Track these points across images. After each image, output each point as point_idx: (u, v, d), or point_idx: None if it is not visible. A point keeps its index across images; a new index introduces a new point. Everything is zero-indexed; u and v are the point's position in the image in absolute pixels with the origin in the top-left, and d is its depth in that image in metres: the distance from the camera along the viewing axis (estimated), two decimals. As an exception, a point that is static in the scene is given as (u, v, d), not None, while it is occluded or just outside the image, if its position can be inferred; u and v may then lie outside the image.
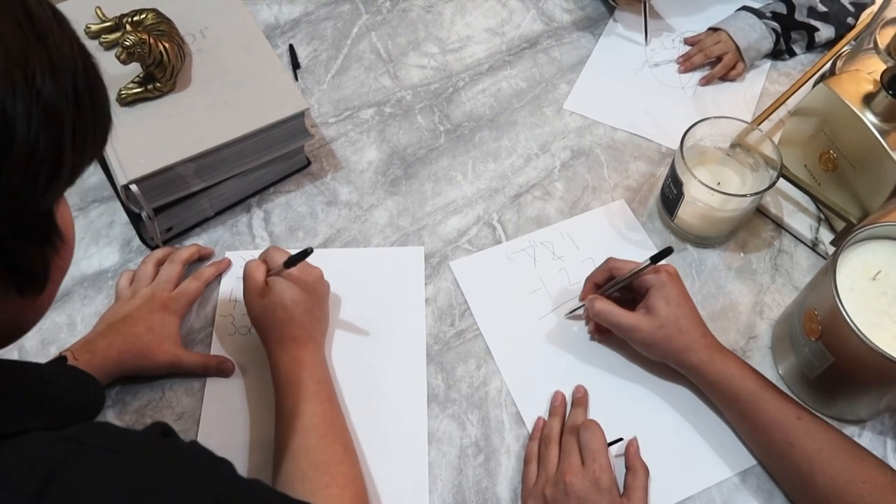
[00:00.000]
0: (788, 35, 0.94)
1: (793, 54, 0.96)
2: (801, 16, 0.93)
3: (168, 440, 0.45)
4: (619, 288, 0.70)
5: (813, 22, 0.93)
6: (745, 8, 0.96)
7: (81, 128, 0.37)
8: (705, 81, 0.94)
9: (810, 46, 0.96)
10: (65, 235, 0.41)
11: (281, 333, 0.66)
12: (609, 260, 0.72)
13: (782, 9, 0.94)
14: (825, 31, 0.94)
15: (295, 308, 0.66)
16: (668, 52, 0.98)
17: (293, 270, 0.68)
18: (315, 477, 0.58)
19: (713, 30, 0.96)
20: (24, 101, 0.33)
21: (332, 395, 0.65)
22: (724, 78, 0.94)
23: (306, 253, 0.66)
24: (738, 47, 0.93)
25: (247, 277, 0.69)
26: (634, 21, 1.00)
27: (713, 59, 0.95)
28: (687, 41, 0.98)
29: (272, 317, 0.66)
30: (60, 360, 0.59)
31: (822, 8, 0.93)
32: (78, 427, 0.40)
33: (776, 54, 0.96)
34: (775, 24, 0.93)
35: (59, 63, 0.35)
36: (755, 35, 0.93)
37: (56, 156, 0.36)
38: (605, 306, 0.68)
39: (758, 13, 0.94)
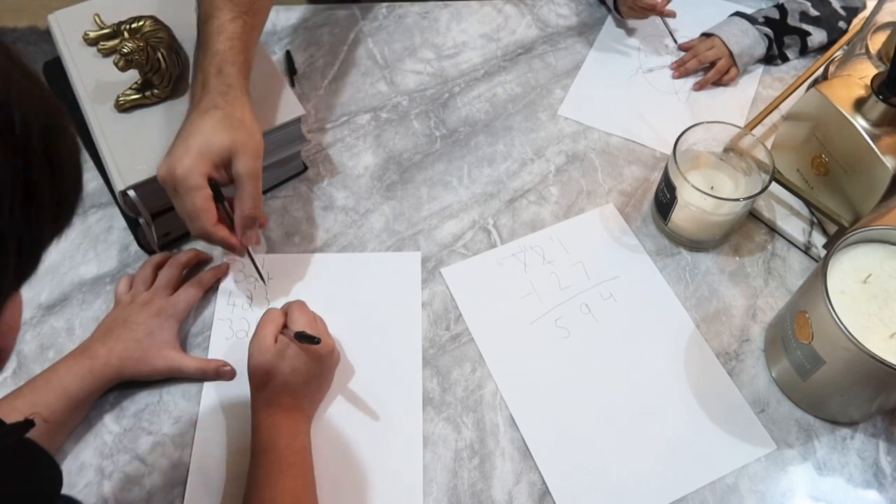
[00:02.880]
0: (781, 40, 0.95)
1: (786, 59, 0.97)
2: (793, 20, 0.94)
3: None
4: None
5: (805, 26, 0.94)
6: (737, 14, 0.97)
7: (32, 235, 0.32)
8: (699, 87, 0.95)
9: (803, 51, 0.97)
10: (2, 346, 0.36)
11: (270, 398, 0.64)
12: None
13: (775, 14, 0.94)
14: (817, 36, 0.95)
15: (294, 377, 0.64)
16: (661, 59, 0.98)
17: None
18: None
19: (706, 35, 0.97)
20: None
21: (308, 471, 0.63)
22: (718, 83, 0.95)
23: (314, 340, 0.64)
24: (731, 53, 0.93)
25: (259, 327, 0.66)
26: (628, 28, 1.01)
27: (707, 65, 0.95)
28: (681, 47, 0.99)
29: (267, 378, 0.64)
30: (27, 424, 0.48)
31: (813, 12, 0.94)
32: None
33: (769, 59, 0.97)
34: (768, 30, 0.94)
35: (8, 156, 0.29)
36: (748, 41, 0.94)
37: None
38: None
39: (751, 19, 0.95)
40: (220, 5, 0.70)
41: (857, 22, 0.95)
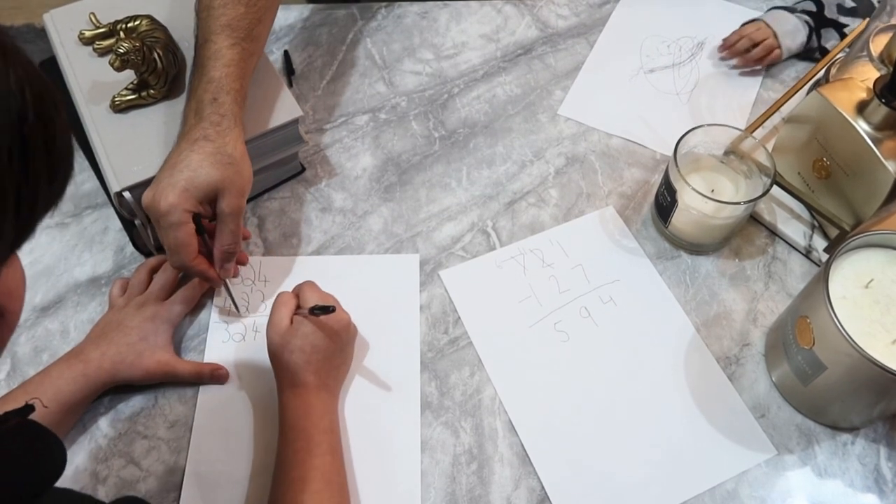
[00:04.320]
0: (819, 33, 0.94)
1: (825, 53, 0.96)
2: (830, 13, 0.93)
3: None
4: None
5: (842, 19, 0.93)
6: (774, 7, 0.96)
7: (28, 192, 0.32)
8: (743, 62, 0.95)
9: None
10: (7, 307, 0.36)
11: (294, 377, 0.65)
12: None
13: (811, 7, 0.94)
14: (854, 27, 0.94)
15: (314, 354, 0.65)
16: (662, 59, 0.98)
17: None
18: None
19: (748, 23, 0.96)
20: None
21: (337, 449, 0.64)
22: (761, 62, 0.94)
23: (327, 310, 0.65)
24: (775, 34, 0.93)
25: (273, 310, 0.67)
26: (629, 28, 1.01)
27: (755, 45, 0.95)
28: (725, 44, 0.97)
29: (289, 359, 0.65)
30: (27, 409, 0.48)
31: (850, 3, 0.93)
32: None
33: (809, 53, 0.96)
34: (808, 18, 0.94)
35: None
36: (790, 25, 0.94)
37: None
38: None
39: (789, 9, 0.95)
40: (217, 30, 0.69)
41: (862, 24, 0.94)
